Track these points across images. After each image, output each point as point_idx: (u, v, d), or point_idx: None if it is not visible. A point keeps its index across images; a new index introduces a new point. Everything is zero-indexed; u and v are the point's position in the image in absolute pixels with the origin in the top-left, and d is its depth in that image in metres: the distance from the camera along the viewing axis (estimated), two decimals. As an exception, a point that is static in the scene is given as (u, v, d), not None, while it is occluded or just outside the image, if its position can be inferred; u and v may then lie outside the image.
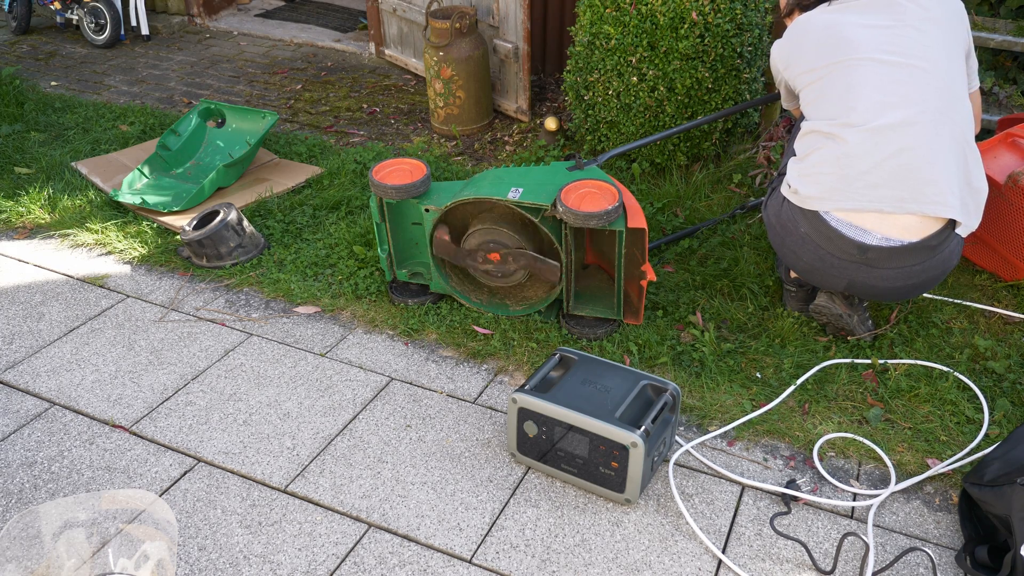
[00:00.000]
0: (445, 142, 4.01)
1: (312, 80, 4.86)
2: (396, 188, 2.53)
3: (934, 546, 1.92)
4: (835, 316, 2.46)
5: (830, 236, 2.22)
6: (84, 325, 2.74)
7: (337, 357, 2.57)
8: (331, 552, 1.94)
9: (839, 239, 2.21)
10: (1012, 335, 2.52)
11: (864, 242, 2.18)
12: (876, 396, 2.32)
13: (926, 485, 2.07)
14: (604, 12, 3.18)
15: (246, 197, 3.42)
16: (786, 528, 1.97)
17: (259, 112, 3.70)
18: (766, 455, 2.17)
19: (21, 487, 2.13)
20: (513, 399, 2.05)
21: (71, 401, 2.41)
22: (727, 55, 3.14)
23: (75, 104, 4.47)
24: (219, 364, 2.55)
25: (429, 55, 3.91)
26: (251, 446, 2.24)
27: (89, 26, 5.46)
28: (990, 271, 2.76)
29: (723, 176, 3.38)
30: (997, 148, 2.74)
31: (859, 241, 2.19)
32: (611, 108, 3.29)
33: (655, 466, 2.07)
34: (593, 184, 2.43)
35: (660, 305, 2.70)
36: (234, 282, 2.94)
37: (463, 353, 2.57)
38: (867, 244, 2.18)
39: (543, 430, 2.05)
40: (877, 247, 2.18)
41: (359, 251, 2.99)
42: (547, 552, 1.93)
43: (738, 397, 2.34)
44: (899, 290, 2.27)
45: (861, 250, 2.19)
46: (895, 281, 2.24)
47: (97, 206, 3.40)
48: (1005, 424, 2.21)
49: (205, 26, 5.89)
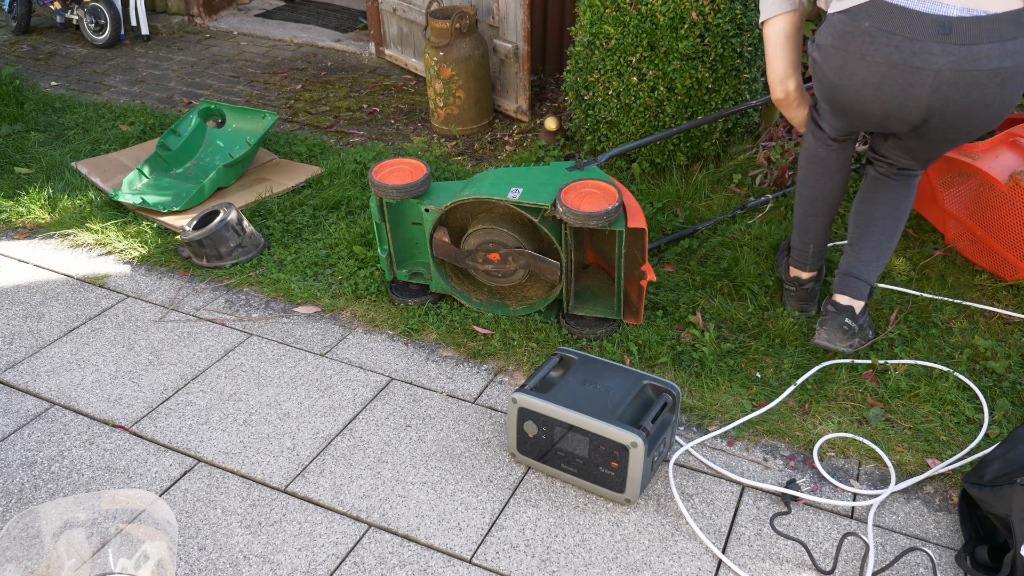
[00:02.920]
0: (445, 142, 4.01)
1: (312, 80, 4.86)
2: (396, 188, 2.53)
3: (934, 546, 1.91)
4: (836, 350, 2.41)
5: (901, 20, 1.89)
6: (84, 325, 2.74)
7: (337, 357, 2.57)
8: (331, 552, 1.94)
9: (914, 20, 1.88)
10: (1012, 335, 2.52)
11: (945, 15, 1.87)
12: (876, 396, 2.32)
13: (926, 485, 2.07)
14: (604, 12, 3.18)
15: (246, 197, 3.42)
16: (786, 528, 1.97)
17: (259, 112, 3.70)
18: (766, 455, 2.17)
19: (21, 487, 2.13)
20: (513, 399, 2.05)
21: (71, 401, 2.41)
22: (727, 55, 3.14)
23: (75, 104, 4.47)
24: (219, 364, 2.55)
25: (429, 55, 3.91)
26: (251, 446, 2.24)
27: (89, 26, 5.46)
28: (990, 271, 2.76)
29: (723, 176, 3.38)
30: (998, 148, 2.74)
31: (939, 15, 1.87)
32: (611, 108, 3.29)
33: (655, 466, 2.07)
34: (593, 184, 2.43)
35: (660, 305, 2.70)
36: (234, 282, 2.94)
37: (463, 353, 2.57)
38: (949, 16, 1.87)
39: (543, 430, 2.05)
40: (960, 18, 1.87)
41: (359, 251, 2.99)
42: (547, 552, 1.93)
43: (738, 397, 2.34)
44: (988, 103, 1.94)
45: (942, 27, 1.87)
46: (987, 89, 1.91)
47: (97, 206, 3.41)
48: (1005, 424, 2.21)
49: (205, 26, 5.89)
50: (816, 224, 2.50)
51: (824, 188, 2.44)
